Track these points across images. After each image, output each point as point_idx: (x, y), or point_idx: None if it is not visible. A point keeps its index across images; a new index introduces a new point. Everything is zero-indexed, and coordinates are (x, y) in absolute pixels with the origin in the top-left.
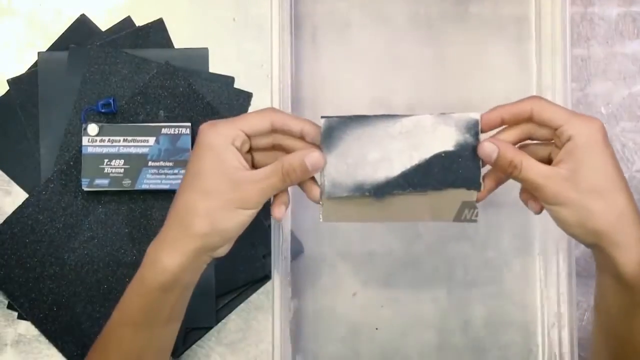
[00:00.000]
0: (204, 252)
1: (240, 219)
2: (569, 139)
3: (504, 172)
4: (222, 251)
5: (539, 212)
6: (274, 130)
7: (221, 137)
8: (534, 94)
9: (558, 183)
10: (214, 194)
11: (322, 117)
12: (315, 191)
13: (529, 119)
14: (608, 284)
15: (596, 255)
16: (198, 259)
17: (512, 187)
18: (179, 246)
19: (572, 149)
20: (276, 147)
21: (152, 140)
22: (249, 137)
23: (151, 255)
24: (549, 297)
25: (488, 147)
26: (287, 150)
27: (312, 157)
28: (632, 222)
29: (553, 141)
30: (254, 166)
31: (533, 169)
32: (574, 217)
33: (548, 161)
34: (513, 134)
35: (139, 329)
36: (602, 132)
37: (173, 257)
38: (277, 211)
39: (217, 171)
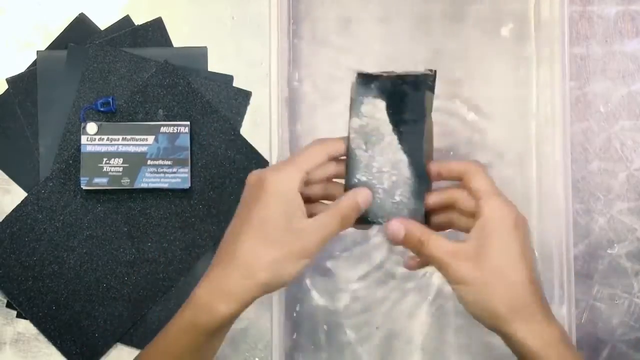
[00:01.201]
0: (258, 298)
1: (299, 269)
2: (481, 216)
3: (412, 248)
4: None
5: (412, 269)
6: (328, 160)
7: (288, 183)
8: (534, 92)
9: (461, 261)
10: (278, 244)
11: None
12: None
13: (460, 182)
14: None
15: (504, 341)
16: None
17: (512, 187)
18: (238, 294)
19: (482, 227)
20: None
21: (151, 138)
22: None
23: (204, 299)
24: (548, 297)
25: (395, 227)
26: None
27: (362, 195)
28: (533, 304)
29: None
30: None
31: (439, 247)
32: (473, 297)
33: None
34: (439, 197)
35: None
36: (514, 217)
37: (230, 305)
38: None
39: (283, 221)
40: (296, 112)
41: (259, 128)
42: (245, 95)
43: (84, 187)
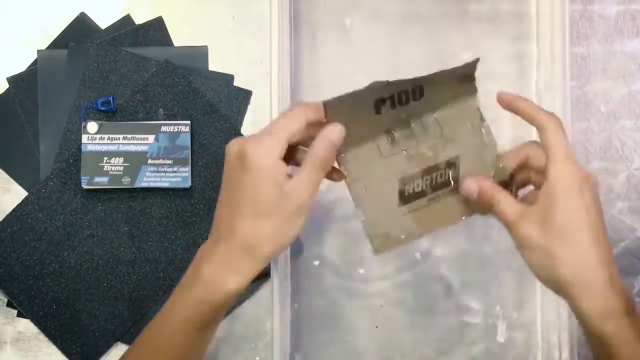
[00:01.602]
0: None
1: (297, 230)
2: (548, 179)
3: (484, 206)
4: None
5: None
6: (308, 126)
7: (270, 155)
8: (534, 92)
9: (528, 224)
10: (274, 214)
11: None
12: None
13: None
14: (584, 335)
15: (570, 306)
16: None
17: None
18: (245, 270)
19: (548, 190)
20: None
21: (151, 138)
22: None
23: (208, 276)
24: (548, 297)
25: (469, 185)
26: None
27: (334, 132)
28: (597, 269)
29: None
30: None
31: (508, 208)
32: (539, 261)
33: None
34: (515, 155)
35: (192, 337)
36: (579, 181)
37: (237, 281)
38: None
39: (272, 191)
40: None
41: (259, 127)
42: (246, 95)
43: (85, 187)
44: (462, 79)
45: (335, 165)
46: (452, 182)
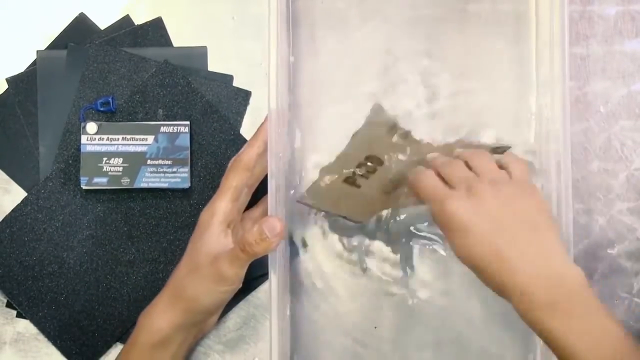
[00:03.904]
0: (190, 326)
1: (218, 296)
2: None
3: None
4: (209, 326)
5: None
6: (251, 172)
7: (213, 216)
8: (533, 92)
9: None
10: (200, 272)
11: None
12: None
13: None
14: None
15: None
16: (187, 330)
17: None
18: (169, 313)
19: None
20: None
21: (150, 138)
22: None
23: (142, 322)
24: None
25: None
26: None
27: (269, 224)
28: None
29: None
30: None
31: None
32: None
33: None
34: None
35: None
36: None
37: (164, 319)
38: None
39: (204, 251)
40: (295, 112)
41: None
42: (245, 95)
43: (84, 187)
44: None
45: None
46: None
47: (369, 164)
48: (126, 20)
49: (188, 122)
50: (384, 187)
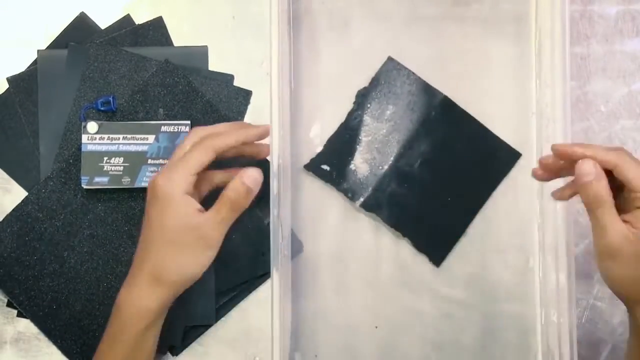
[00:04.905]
0: (174, 299)
1: (205, 261)
2: None
3: (586, 198)
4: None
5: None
6: (217, 156)
7: (176, 187)
8: (533, 92)
9: (628, 242)
10: (180, 244)
11: None
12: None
13: (609, 170)
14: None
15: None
16: (173, 298)
17: (512, 187)
18: (152, 296)
19: None
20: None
21: (151, 138)
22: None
23: (127, 306)
24: (548, 296)
25: (587, 168)
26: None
27: (249, 176)
28: None
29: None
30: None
31: (612, 218)
32: (619, 272)
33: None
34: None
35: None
36: None
37: (152, 299)
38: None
39: (178, 222)
40: (297, 111)
41: None
42: (246, 95)
43: (85, 187)
44: None
45: None
46: None
47: None
48: (127, 19)
49: (189, 122)
50: None
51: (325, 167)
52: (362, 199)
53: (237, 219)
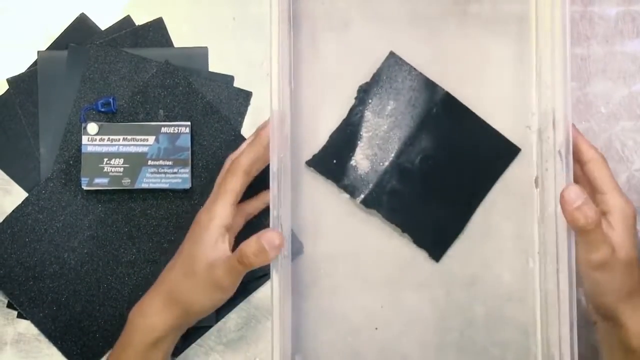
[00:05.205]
0: (184, 327)
1: (212, 303)
2: (608, 212)
3: (571, 220)
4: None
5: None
6: (248, 176)
7: (216, 219)
8: (534, 93)
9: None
10: (194, 276)
11: None
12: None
13: (580, 164)
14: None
15: (606, 329)
16: (180, 331)
17: (512, 187)
18: (166, 312)
19: (609, 222)
20: None
21: (151, 139)
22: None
23: (137, 321)
24: (548, 296)
25: (574, 194)
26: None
27: (266, 237)
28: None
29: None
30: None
31: (601, 234)
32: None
33: None
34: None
35: None
36: (634, 215)
37: (160, 319)
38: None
39: (205, 256)
40: (297, 113)
41: None
42: (246, 96)
43: (85, 188)
44: None
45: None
46: None
47: None
48: (127, 20)
49: (189, 123)
50: None
51: (327, 163)
52: (362, 196)
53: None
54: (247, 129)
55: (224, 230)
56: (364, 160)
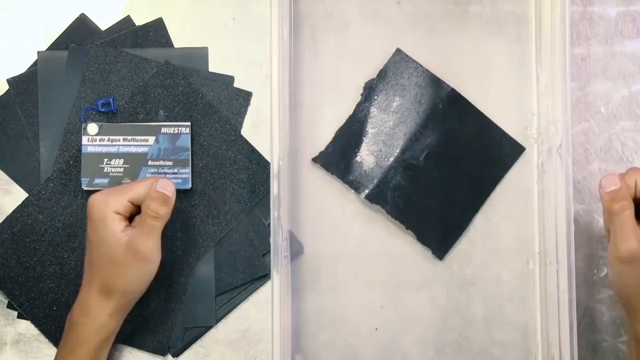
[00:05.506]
0: (127, 310)
1: (146, 276)
2: None
3: (606, 206)
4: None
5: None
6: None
7: (107, 207)
8: (534, 93)
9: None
10: (118, 261)
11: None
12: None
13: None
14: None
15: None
16: (123, 315)
17: (512, 187)
18: (108, 307)
19: None
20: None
21: (151, 139)
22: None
23: (82, 320)
24: (548, 297)
25: (612, 179)
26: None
27: (161, 184)
28: None
29: None
30: None
31: (632, 224)
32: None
33: None
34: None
35: None
36: None
37: (105, 314)
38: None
39: (112, 240)
40: (297, 113)
41: (259, 129)
42: (246, 96)
43: (85, 188)
44: None
45: None
46: None
47: None
48: (127, 21)
49: (189, 123)
50: None
51: (333, 159)
52: (366, 191)
53: (237, 219)
54: (247, 129)
55: (116, 214)
56: (369, 156)
